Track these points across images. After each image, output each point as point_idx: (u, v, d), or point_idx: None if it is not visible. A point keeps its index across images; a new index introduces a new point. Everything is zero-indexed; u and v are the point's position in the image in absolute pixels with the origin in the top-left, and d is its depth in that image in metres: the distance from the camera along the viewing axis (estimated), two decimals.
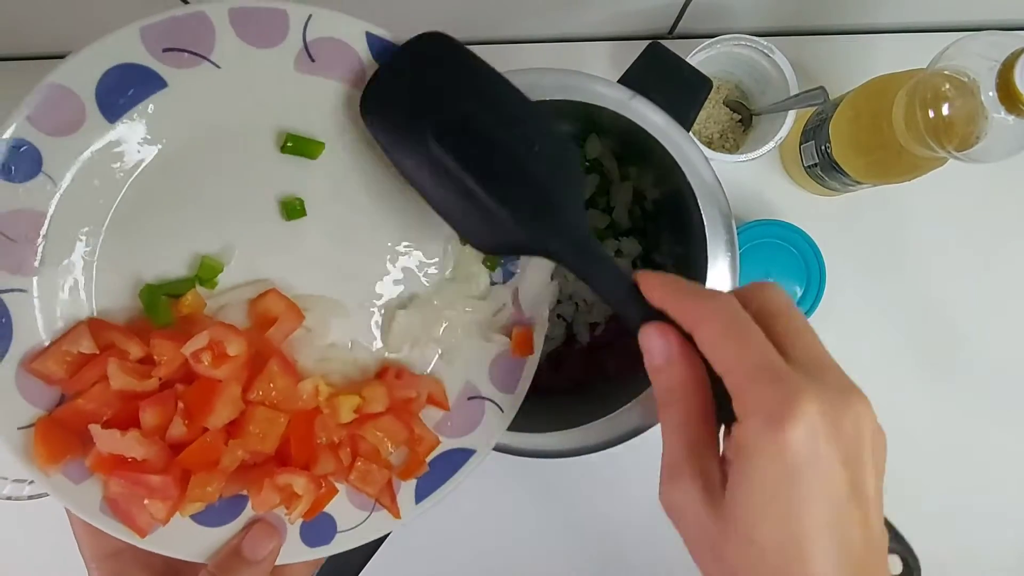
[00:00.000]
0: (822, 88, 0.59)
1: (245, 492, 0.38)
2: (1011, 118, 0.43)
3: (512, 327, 0.43)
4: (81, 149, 0.36)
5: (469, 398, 0.43)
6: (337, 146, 0.40)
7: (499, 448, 0.48)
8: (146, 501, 0.36)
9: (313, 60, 0.39)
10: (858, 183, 0.59)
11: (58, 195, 0.36)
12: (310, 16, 0.38)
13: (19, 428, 0.35)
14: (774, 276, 0.64)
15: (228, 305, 0.39)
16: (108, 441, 0.35)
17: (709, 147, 0.66)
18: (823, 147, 0.60)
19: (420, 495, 0.41)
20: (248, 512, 0.39)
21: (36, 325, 0.36)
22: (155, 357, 0.36)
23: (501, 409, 0.43)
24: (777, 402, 0.27)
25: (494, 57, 0.42)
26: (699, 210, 0.49)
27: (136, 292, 0.38)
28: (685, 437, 0.31)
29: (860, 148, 0.56)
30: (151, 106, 0.37)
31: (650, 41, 0.52)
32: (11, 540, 0.67)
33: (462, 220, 0.38)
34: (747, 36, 0.63)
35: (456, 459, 0.42)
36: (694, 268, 0.51)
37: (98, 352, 0.36)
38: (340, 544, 0.40)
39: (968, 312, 0.69)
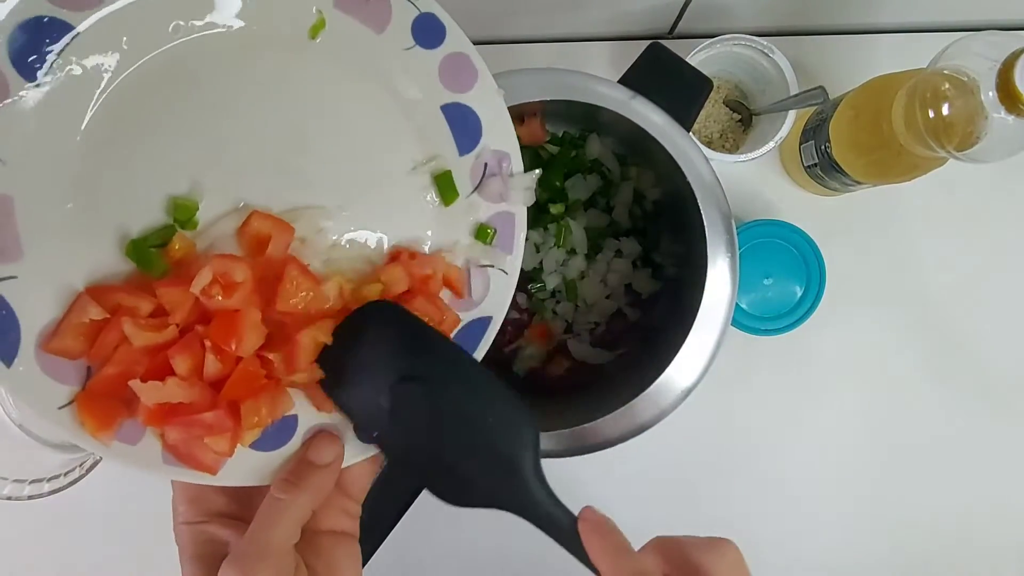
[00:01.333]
0: (822, 88, 0.59)
1: (294, 412, 0.39)
2: (1011, 118, 0.43)
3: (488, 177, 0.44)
4: (16, 120, 0.35)
5: (479, 266, 0.43)
6: (284, 49, 0.40)
7: None
8: (206, 439, 0.36)
9: None
10: (858, 183, 0.59)
11: (14, 173, 0.35)
12: None
13: (60, 408, 0.35)
14: (774, 276, 0.64)
15: (216, 240, 0.39)
16: (152, 393, 0.35)
17: (709, 147, 0.66)
18: (823, 147, 0.60)
19: None
20: (301, 430, 0.39)
21: (39, 306, 0.35)
22: (166, 306, 0.36)
23: (505, 271, 0.43)
24: None
25: (494, 57, 0.42)
26: (699, 210, 0.49)
27: (123, 251, 0.37)
28: None
29: (860, 148, 0.56)
30: (70, 54, 0.35)
31: (651, 41, 0.52)
32: (11, 540, 0.67)
33: (423, 476, 0.40)
34: (747, 36, 0.63)
35: (476, 330, 0.42)
36: (694, 268, 0.51)
37: (108, 316, 0.36)
38: None
39: (968, 311, 0.69)
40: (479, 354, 0.42)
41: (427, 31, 0.42)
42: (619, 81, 0.50)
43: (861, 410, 0.68)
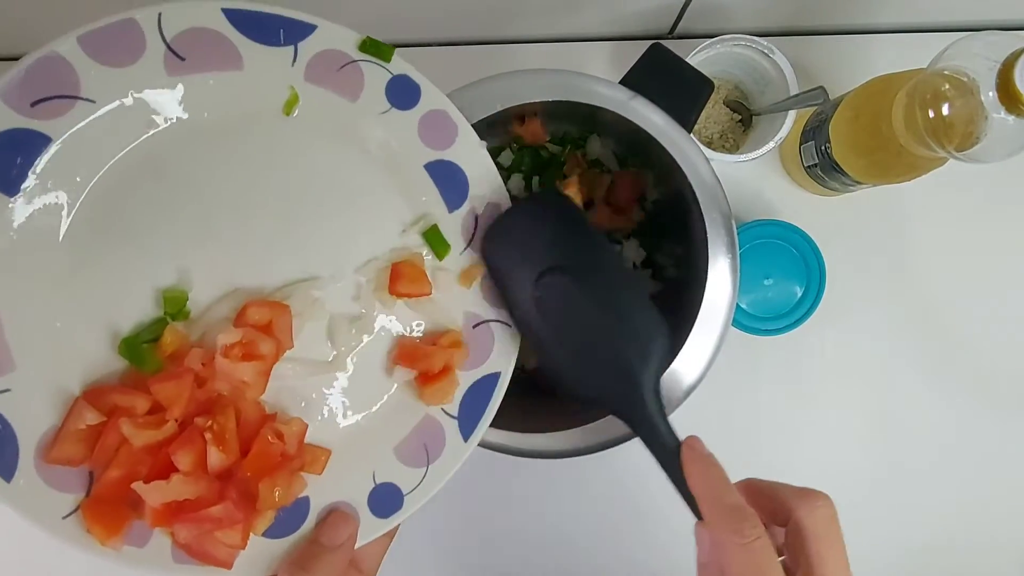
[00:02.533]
0: (822, 88, 0.59)
1: (307, 494, 0.39)
2: (1011, 118, 0.43)
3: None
4: None
5: (474, 326, 0.43)
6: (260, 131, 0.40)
7: (499, 448, 0.48)
8: (217, 534, 0.36)
9: (183, 59, 0.38)
10: (858, 183, 0.59)
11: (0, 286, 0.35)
12: (160, 14, 0.37)
13: (64, 518, 0.35)
14: (774, 276, 0.64)
15: (209, 327, 0.38)
16: (156, 493, 0.34)
17: (709, 147, 0.66)
18: (823, 147, 0.60)
19: (465, 433, 0.42)
20: (313, 514, 0.39)
21: (35, 416, 0.35)
22: (162, 402, 0.36)
23: (508, 324, 0.44)
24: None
25: (494, 57, 0.42)
26: (700, 210, 0.49)
27: (116, 350, 0.37)
28: None
29: (860, 148, 0.56)
30: (46, 164, 0.36)
31: (652, 42, 0.52)
32: (11, 540, 0.67)
33: (547, 364, 0.42)
34: (747, 36, 0.63)
35: (486, 387, 0.43)
36: (695, 268, 0.51)
37: (106, 419, 0.35)
38: (410, 505, 0.40)
39: (968, 311, 0.69)
40: (490, 412, 0.43)
41: (402, 93, 0.42)
42: (620, 82, 0.50)
43: (861, 410, 0.68)
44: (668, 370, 0.49)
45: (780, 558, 0.34)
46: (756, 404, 0.68)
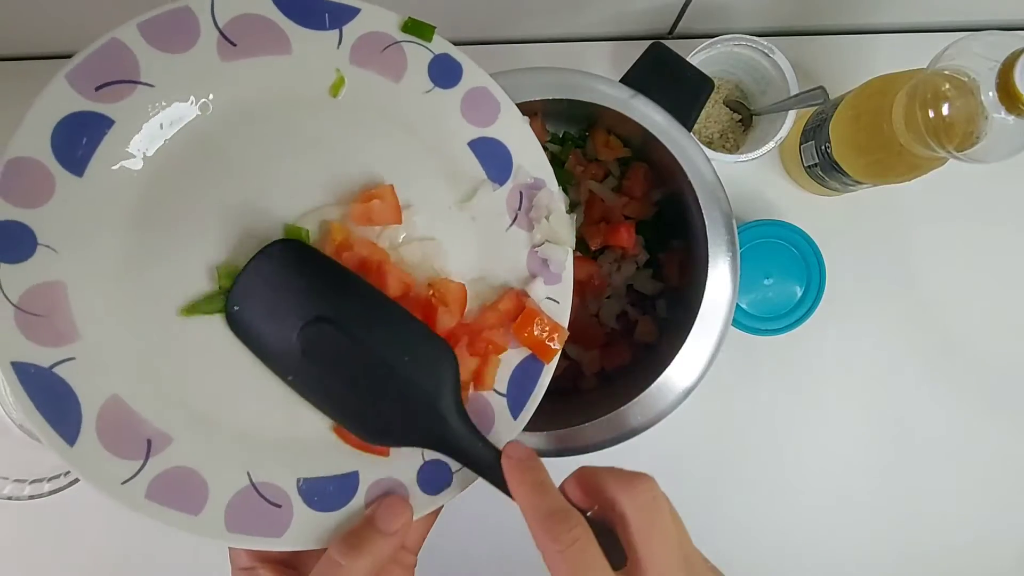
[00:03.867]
0: (822, 88, 0.59)
1: (356, 469, 0.39)
2: (1011, 118, 0.43)
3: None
4: (64, 211, 0.36)
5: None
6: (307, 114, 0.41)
7: None
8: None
9: (235, 45, 0.39)
10: (858, 183, 0.60)
11: (64, 260, 0.36)
12: (212, 2, 0.39)
13: (123, 483, 0.36)
14: (774, 276, 0.64)
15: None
16: None
17: (709, 147, 0.66)
18: (823, 147, 0.60)
19: (515, 411, 0.42)
20: (363, 488, 0.39)
21: (98, 384, 0.36)
22: None
23: (557, 301, 0.43)
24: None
25: (494, 57, 0.42)
26: (700, 210, 0.49)
27: (176, 316, 0.38)
28: None
29: (860, 148, 0.56)
30: (108, 144, 0.37)
31: (652, 41, 0.52)
32: (11, 540, 0.67)
33: (344, 416, 0.39)
34: (747, 36, 0.63)
35: (534, 366, 0.43)
36: (695, 268, 0.51)
37: None
38: (459, 483, 0.40)
39: (968, 311, 0.69)
40: (539, 391, 0.42)
41: (444, 72, 0.43)
42: (620, 81, 0.50)
43: (861, 410, 0.68)
44: (667, 370, 0.49)
45: None
46: (756, 404, 0.68)
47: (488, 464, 0.37)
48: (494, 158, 0.44)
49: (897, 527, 0.68)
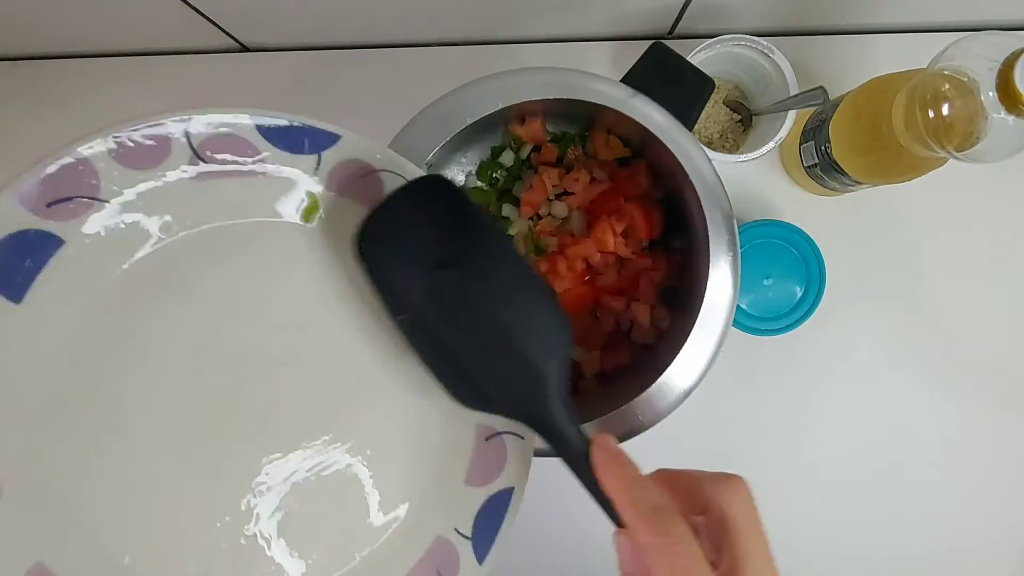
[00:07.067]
0: (822, 88, 0.59)
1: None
2: (1011, 118, 0.43)
3: None
4: None
5: (487, 439, 0.41)
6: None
7: None
8: None
9: (206, 162, 0.36)
10: (858, 183, 0.59)
11: None
12: (189, 118, 0.36)
13: None
14: (774, 276, 0.64)
15: None
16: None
17: (709, 147, 0.66)
18: (823, 147, 0.60)
19: (480, 554, 0.40)
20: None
21: (19, 550, 0.32)
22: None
23: (520, 436, 0.41)
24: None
25: (495, 57, 0.41)
26: (701, 210, 0.49)
27: None
28: None
29: (860, 148, 0.56)
30: (55, 268, 0.33)
31: (653, 41, 0.52)
32: None
33: (442, 371, 0.38)
34: (747, 36, 0.63)
35: (500, 504, 0.40)
36: (695, 268, 0.51)
37: None
38: None
39: (968, 311, 0.69)
40: (506, 531, 0.40)
41: None
42: (621, 81, 0.50)
43: (861, 410, 0.68)
44: (667, 370, 0.49)
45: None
46: (756, 404, 0.68)
47: (577, 452, 0.36)
48: None
49: (897, 527, 0.68)
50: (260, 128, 0.37)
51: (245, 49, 0.71)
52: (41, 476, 0.33)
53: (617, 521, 0.34)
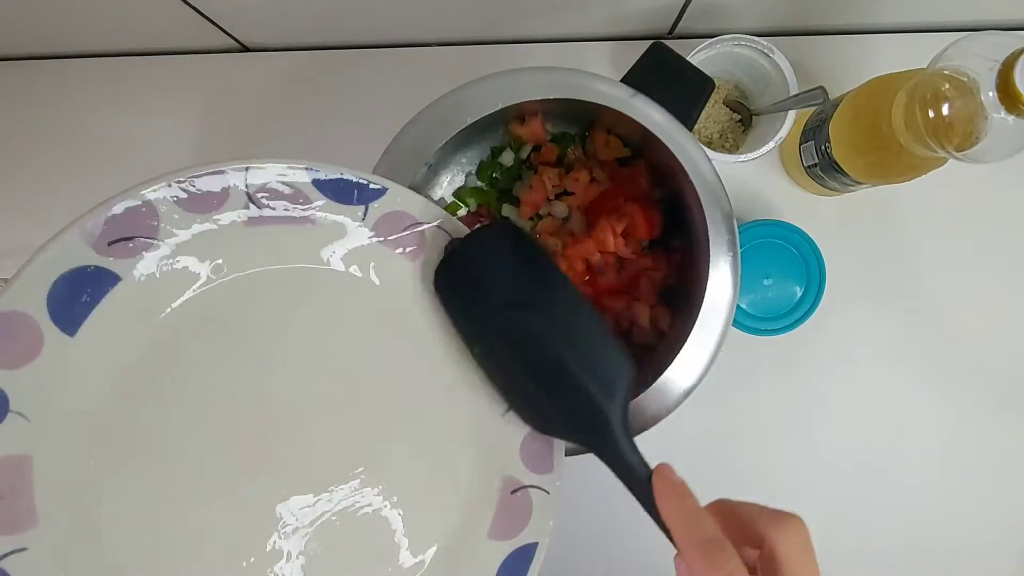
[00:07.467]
0: (822, 88, 0.59)
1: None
2: (1011, 118, 0.43)
3: None
4: (47, 374, 0.32)
5: (512, 492, 0.42)
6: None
7: None
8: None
9: (261, 210, 0.38)
10: (858, 183, 0.60)
11: (36, 431, 0.32)
12: (247, 168, 0.37)
13: None
14: (774, 276, 0.64)
15: None
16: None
17: (709, 147, 0.66)
18: (823, 147, 0.60)
19: None
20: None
21: None
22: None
23: (546, 491, 0.42)
24: None
25: (495, 57, 0.42)
26: (701, 210, 0.49)
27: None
28: None
29: (860, 148, 0.56)
30: (109, 303, 0.34)
31: (653, 41, 0.52)
32: None
33: (512, 397, 0.42)
34: (747, 36, 0.63)
35: (523, 559, 0.41)
36: (696, 268, 0.51)
37: None
38: None
39: (968, 311, 0.69)
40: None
41: None
42: (621, 81, 0.50)
43: (861, 410, 0.68)
44: (668, 370, 0.49)
45: None
46: (756, 404, 0.68)
47: (639, 479, 0.38)
48: None
49: (897, 526, 0.68)
50: (316, 181, 0.39)
51: (245, 49, 0.71)
52: (76, 508, 0.33)
53: (675, 543, 0.35)
